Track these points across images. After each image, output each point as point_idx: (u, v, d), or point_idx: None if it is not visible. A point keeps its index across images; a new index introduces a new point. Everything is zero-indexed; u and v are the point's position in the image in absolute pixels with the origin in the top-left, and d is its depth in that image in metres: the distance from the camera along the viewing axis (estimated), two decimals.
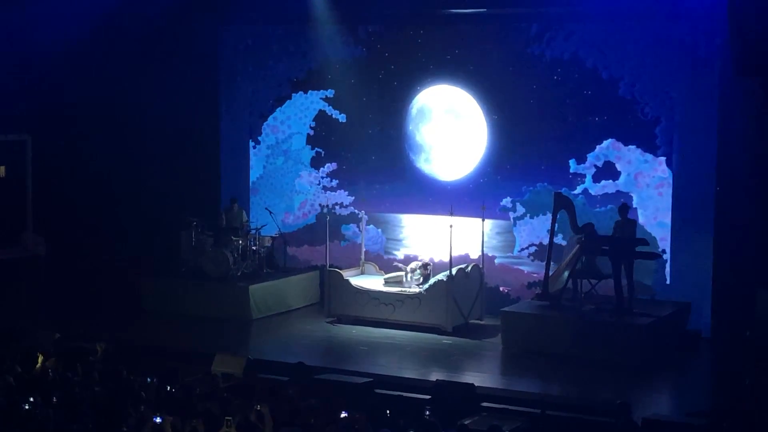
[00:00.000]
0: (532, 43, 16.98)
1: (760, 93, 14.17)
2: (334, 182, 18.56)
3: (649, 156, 16.29)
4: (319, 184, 18.67)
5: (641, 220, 16.16)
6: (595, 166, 16.62)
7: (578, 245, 15.24)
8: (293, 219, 18.92)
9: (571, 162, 16.73)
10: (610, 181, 16.53)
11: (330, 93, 18.55)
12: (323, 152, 18.65)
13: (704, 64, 15.77)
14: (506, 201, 17.20)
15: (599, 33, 16.51)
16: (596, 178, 16.62)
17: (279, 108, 18.94)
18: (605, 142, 16.53)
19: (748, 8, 12.81)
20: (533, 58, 16.98)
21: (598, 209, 16.48)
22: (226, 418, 9.20)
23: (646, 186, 16.35)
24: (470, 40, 17.49)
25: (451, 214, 16.14)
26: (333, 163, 18.62)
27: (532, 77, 17.05)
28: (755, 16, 12.74)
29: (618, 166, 16.48)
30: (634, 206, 16.23)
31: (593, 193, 16.60)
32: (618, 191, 16.43)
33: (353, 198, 18.38)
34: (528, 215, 17.06)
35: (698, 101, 15.88)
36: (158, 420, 9.10)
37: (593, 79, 16.57)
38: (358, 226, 18.07)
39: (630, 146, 16.37)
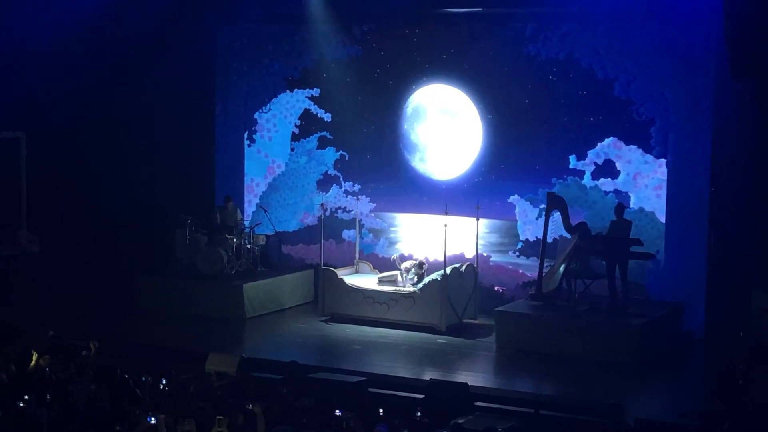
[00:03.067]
0: (528, 43, 17.00)
1: (754, 95, 14.18)
2: (356, 187, 18.47)
3: (649, 157, 16.27)
4: (341, 187, 18.62)
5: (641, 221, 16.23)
6: (595, 163, 16.61)
7: (571, 245, 15.28)
8: (312, 219, 18.82)
9: (572, 158, 16.71)
10: (609, 179, 16.53)
11: (316, 92, 18.52)
12: (347, 155, 18.56)
13: (699, 65, 15.79)
14: (514, 198, 17.13)
15: (595, 33, 16.53)
16: (595, 176, 16.61)
17: (269, 106, 18.96)
18: (606, 140, 16.52)
19: (743, 10, 12.82)
20: (528, 57, 17.00)
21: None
22: (218, 417, 9.19)
23: (644, 187, 16.34)
24: (466, 40, 17.50)
25: (446, 213, 16.14)
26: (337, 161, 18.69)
27: (528, 77, 17.06)
28: (750, 18, 12.75)
29: (618, 165, 16.47)
30: (631, 206, 16.26)
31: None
32: (616, 190, 16.47)
33: (375, 204, 18.29)
34: (532, 215, 17.01)
35: (693, 102, 15.91)
36: (152, 420, 9.09)
37: (588, 79, 16.58)
38: (360, 233, 18.05)
39: (631, 146, 16.36)
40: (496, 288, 17.18)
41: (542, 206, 16.69)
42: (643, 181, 16.33)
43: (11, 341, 13.11)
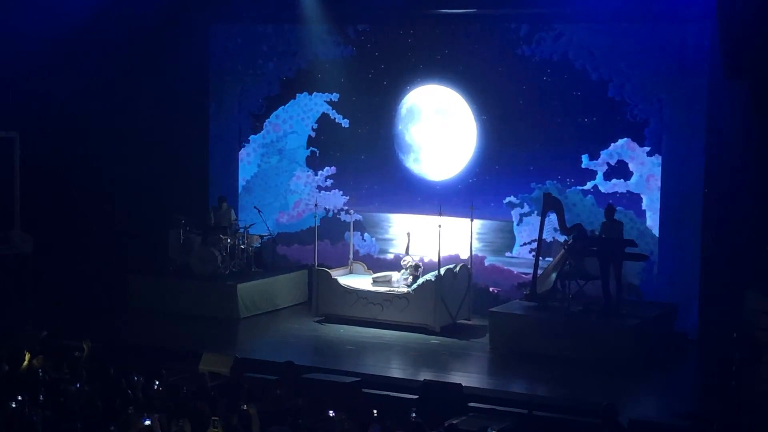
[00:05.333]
0: (522, 44, 17.01)
1: (748, 96, 14.20)
2: (329, 182, 18.52)
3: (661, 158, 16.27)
4: (314, 184, 18.63)
5: (649, 222, 16.23)
6: (608, 164, 16.56)
7: (564, 248, 15.28)
8: (287, 218, 18.86)
9: (584, 157, 16.67)
10: (622, 180, 16.51)
11: (335, 96, 18.49)
12: (318, 151, 18.64)
13: (693, 66, 15.82)
14: (511, 198, 17.15)
15: (589, 34, 16.55)
16: (607, 177, 16.55)
17: (282, 107, 18.92)
18: (620, 141, 16.48)
19: (736, 11, 12.84)
20: (523, 58, 17.02)
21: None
22: (213, 418, 9.18)
23: (657, 189, 16.32)
24: (460, 41, 17.52)
25: (440, 214, 16.14)
26: (326, 163, 18.62)
27: (522, 78, 17.08)
28: (744, 18, 12.76)
29: (631, 167, 16.41)
30: (643, 208, 16.27)
31: (603, 191, 16.58)
32: (629, 191, 16.45)
33: (347, 198, 18.32)
34: (536, 212, 17.02)
35: (687, 103, 15.94)
36: (147, 422, 9.08)
37: (582, 80, 16.61)
38: (362, 236, 17.99)
39: (645, 147, 16.32)
40: (490, 289, 17.17)
41: (519, 210, 16.96)
42: (656, 183, 16.31)
43: (4, 341, 13.08)
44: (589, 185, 16.68)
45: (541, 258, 15.65)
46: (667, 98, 16.11)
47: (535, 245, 16.77)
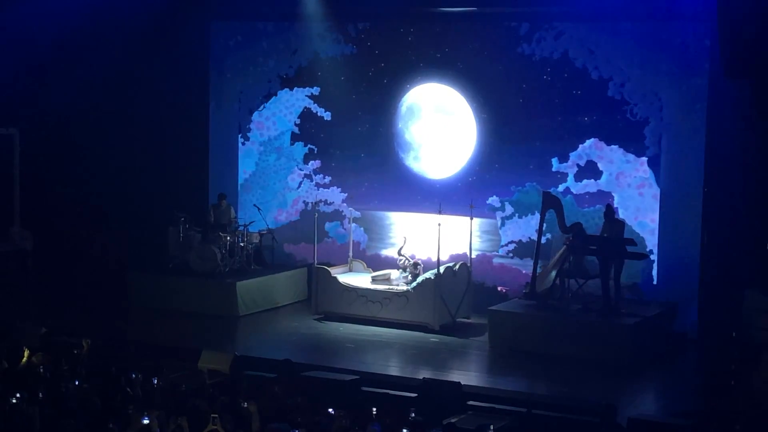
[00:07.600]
0: (522, 43, 17.01)
1: (749, 95, 14.19)
2: (327, 179, 18.56)
3: (630, 156, 16.31)
4: (312, 181, 18.67)
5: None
6: (578, 165, 16.65)
7: (564, 246, 15.28)
8: (286, 216, 18.89)
9: (554, 161, 16.75)
10: (592, 180, 16.56)
11: (316, 90, 18.52)
12: (316, 149, 18.67)
13: (694, 65, 15.83)
14: (493, 200, 17.23)
15: (589, 33, 16.55)
16: (578, 177, 16.65)
17: (265, 104, 18.95)
18: (588, 142, 16.55)
19: (737, 10, 12.84)
20: (523, 57, 17.01)
21: (585, 209, 16.52)
22: (212, 415, 9.18)
23: (627, 186, 16.37)
24: (460, 39, 17.51)
25: (440, 212, 16.14)
26: (322, 160, 18.63)
27: (522, 76, 17.08)
28: (745, 17, 12.76)
29: (600, 166, 16.52)
30: (615, 206, 16.29)
31: (575, 192, 16.64)
32: (599, 190, 16.48)
33: (346, 195, 18.36)
34: (516, 215, 17.10)
35: (687, 102, 15.94)
36: (146, 421, 9.07)
37: (582, 79, 16.60)
38: (342, 225, 18.06)
39: (612, 146, 16.39)
40: (499, 288, 17.16)
41: (502, 214, 17.05)
42: (625, 180, 16.35)
43: (3, 338, 13.08)
44: (561, 187, 16.74)
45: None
46: (668, 97, 16.10)
47: (515, 247, 16.91)
